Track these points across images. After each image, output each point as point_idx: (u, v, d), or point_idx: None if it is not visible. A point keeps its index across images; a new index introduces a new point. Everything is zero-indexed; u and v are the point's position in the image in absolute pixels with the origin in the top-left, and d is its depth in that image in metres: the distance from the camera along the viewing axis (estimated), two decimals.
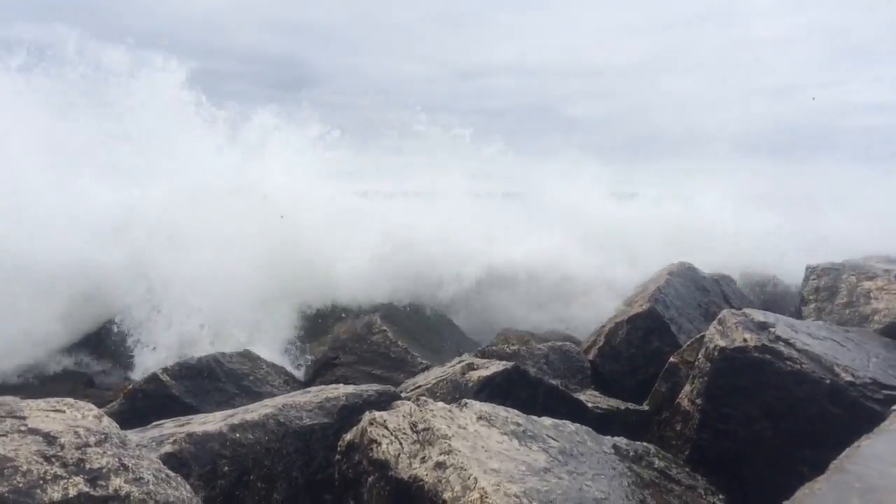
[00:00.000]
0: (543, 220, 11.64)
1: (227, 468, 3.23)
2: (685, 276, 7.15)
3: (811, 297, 6.03)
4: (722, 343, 4.18)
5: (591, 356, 6.34)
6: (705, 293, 7.11)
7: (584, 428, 3.83)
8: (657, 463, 3.70)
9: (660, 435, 4.52)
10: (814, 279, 6.18)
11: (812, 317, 5.73)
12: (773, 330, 4.23)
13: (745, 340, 4.12)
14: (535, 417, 3.67)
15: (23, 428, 2.45)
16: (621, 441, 3.75)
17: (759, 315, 4.48)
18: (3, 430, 2.42)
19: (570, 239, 10.77)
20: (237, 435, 3.31)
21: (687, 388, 4.40)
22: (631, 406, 5.20)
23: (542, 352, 5.84)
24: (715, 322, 4.49)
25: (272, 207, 9.43)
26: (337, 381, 5.13)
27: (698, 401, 4.22)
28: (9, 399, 2.60)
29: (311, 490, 3.44)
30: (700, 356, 4.37)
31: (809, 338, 4.35)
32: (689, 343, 5.06)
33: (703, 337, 4.64)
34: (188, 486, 2.73)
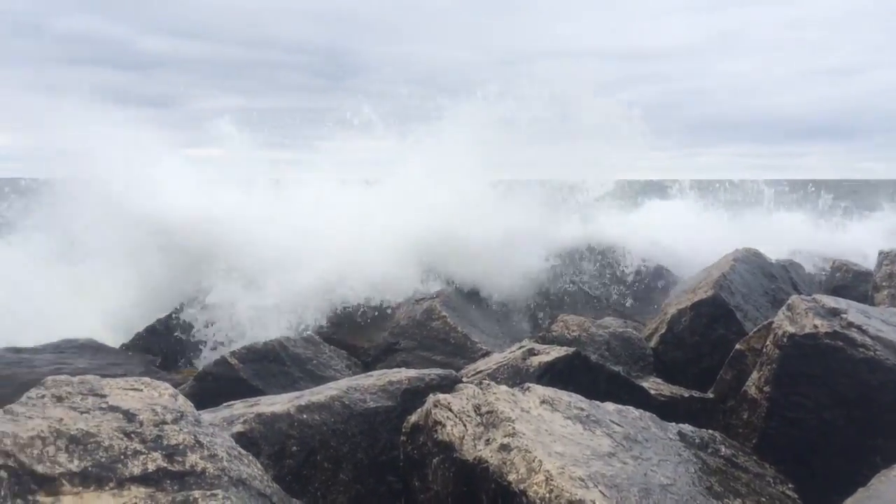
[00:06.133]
0: None
1: (294, 448, 3.31)
2: (751, 261, 6.96)
3: (884, 284, 5.80)
4: (791, 329, 4.07)
5: (652, 343, 6.25)
6: (772, 279, 6.91)
7: (648, 414, 3.78)
8: (723, 450, 3.64)
9: (725, 423, 4.44)
10: (887, 265, 5.94)
11: (885, 303, 5.52)
12: (844, 316, 4.10)
13: (815, 327, 4.01)
14: (598, 403, 3.64)
15: (104, 405, 2.56)
16: (686, 428, 3.70)
17: (830, 301, 4.35)
18: (85, 406, 2.53)
19: None
20: (304, 416, 3.38)
21: (754, 375, 4.30)
22: (695, 394, 5.11)
23: (603, 338, 5.78)
24: (784, 308, 4.37)
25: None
26: (398, 367, 5.19)
27: (766, 388, 4.12)
28: (90, 377, 2.71)
29: (375, 471, 3.50)
30: (768, 343, 4.26)
31: (883, 324, 4.20)
32: (756, 330, 4.94)
33: (770, 324, 4.52)
34: (259, 465, 2.81)
